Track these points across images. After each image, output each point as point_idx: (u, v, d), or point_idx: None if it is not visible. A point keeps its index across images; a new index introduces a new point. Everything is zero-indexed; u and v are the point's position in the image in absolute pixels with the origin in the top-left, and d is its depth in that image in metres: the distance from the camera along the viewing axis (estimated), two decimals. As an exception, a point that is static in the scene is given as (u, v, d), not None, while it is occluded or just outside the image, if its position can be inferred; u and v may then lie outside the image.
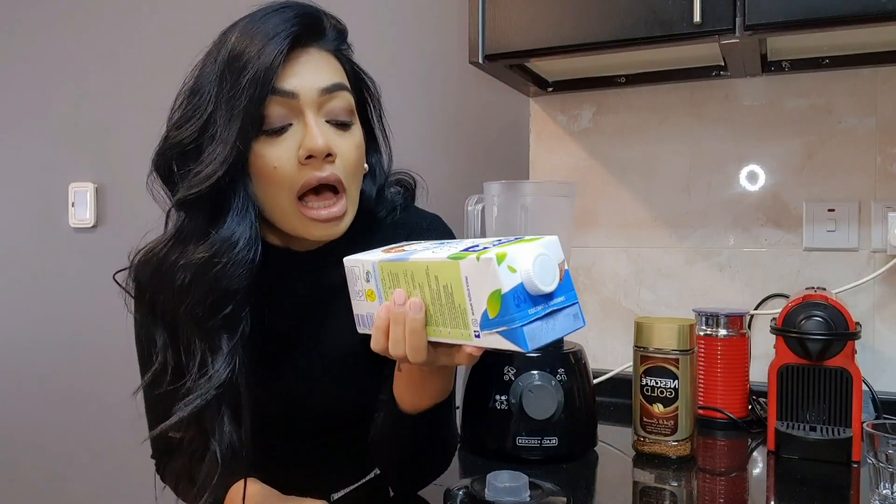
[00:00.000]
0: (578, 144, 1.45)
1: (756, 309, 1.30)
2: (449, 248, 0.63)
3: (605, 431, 1.11)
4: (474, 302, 0.58)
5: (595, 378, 1.17)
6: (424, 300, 0.63)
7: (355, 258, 0.72)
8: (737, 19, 0.99)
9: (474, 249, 0.59)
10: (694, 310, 1.21)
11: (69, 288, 2.09)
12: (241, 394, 0.77)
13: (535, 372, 0.98)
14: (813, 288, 1.13)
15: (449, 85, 1.60)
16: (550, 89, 1.42)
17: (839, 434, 0.97)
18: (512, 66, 1.24)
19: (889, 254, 1.21)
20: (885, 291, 1.23)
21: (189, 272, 0.75)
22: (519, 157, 1.51)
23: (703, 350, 1.17)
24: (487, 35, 1.15)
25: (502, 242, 0.59)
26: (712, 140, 1.35)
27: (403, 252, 0.67)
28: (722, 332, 1.17)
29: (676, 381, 0.97)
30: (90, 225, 2.05)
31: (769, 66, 1.27)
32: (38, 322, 2.14)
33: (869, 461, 0.81)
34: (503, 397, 0.98)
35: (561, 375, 0.98)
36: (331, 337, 0.88)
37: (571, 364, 1.01)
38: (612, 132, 1.43)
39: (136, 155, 0.96)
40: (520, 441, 0.97)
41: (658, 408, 0.98)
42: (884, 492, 0.78)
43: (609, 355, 1.41)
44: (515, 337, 0.56)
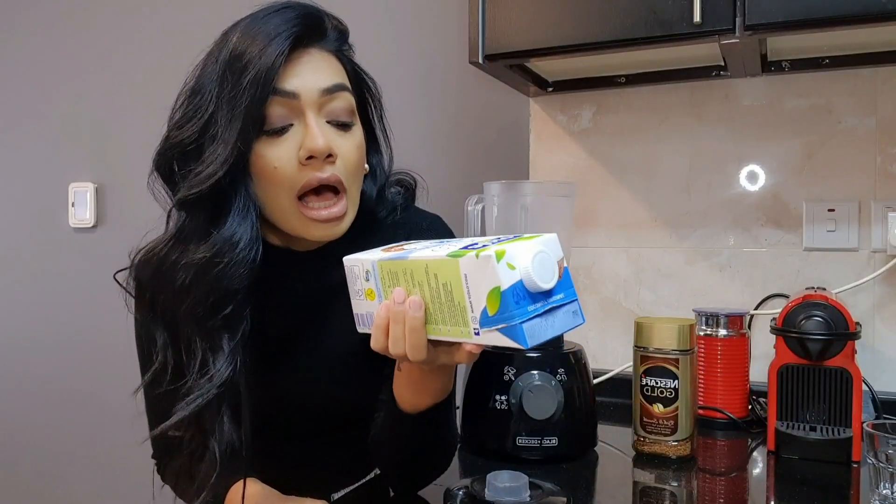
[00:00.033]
0: (578, 144, 1.45)
1: (756, 309, 1.30)
2: (448, 247, 0.63)
3: (605, 431, 1.11)
4: (473, 299, 0.58)
5: (595, 378, 1.17)
6: (424, 298, 0.63)
7: (355, 257, 0.72)
8: (737, 19, 0.99)
9: (473, 247, 0.59)
10: (694, 310, 1.21)
11: (69, 288, 2.09)
12: (242, 393, 0.77)
13: (535, 372, 0.98)
14: (813, 288, 1.13)
15: (449, 85, 1.60)
16: (550, 89, 1.42)
17: (839, 434, 0.97)
18: (512, 66, 1.24)
19: (889, 254, 1.21)
20: (885, 291, 1.23)
21: (190, 272, 0.75)
22: (519, 157, 1.51)
23: (703, 350, 1.17)
24: (487, 35, 1.15)
25: (501, 240, 0.59)
26: (712, 140, 1.35)
27: (403, 251, 0.67)
28: (722, 332, 1.17)
29: (676, 381, 0.97)
30: (90, 225, 2.05)
31: (769, 66, 1.27)
32: (38, 322, 2.14)
33: (869, 461, 0.81)
34: (503, 397, 0.98)
35: (561, 375, 0.98)
36: (331, 337, 0.88)
37: (571, 364, 1.01)
38: (612, 132, 1.43)
39: (136, 155, 0.96)
40: (520, 441, 0.97)
41: (658, 408, 0.98)
42: (884, 492, 0.78)
43: (609, 355, 1.41)
44: (515, 334, 0.56)
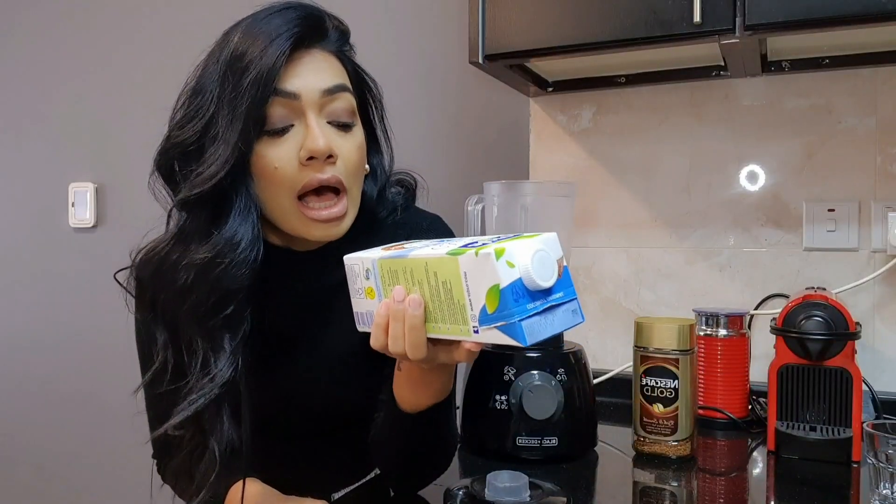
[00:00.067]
0: (578, 144, 1.45)
1: (756, 309, 1.30)
2: (448, 245, 0.63)
3: (605, 431, 1.11)
4: (473, 297, 0.58)
5: (595, 378, 1.17)
6: (424, 297, 0.63)
7: (355, 256, 0.72)
8: (737, 19, 0.99)
9: (473, 246, 0.59)
10: (694, 310, 1.21)
11: (69, 288, 2.09)
12: (242, 393, 0.77)
13: (535, 372, 0.98)
14: (813, 288, 1.13)
15: (449, 85, 1.60)
16: (550, 89, 1.42)
17: (839, 434, 0.97)
18: (512, 66, 1.24)
19: (889, 254, 1.21)
20: (885, 291, 1.23)
21: (191, 272, 0.75)
22: (519, 157, 1.51)
23: (703, 350, 1.17)
24: (487, 35, 1.15)
25: (501, 239, 0.59)
26: (712, 140, 1.35)
27: (403, 249, 0.67)
28: (722, 332, 1.17)
29: (676, 381, 0.97)
30: (90, 225, 2.05)
31: (769, 66, 1.27)
32: (38, 322, 2.14)
33: (869, 461, 0.81)
34: (503, 397, 0.98)
35: (561, 375, 0.98)
36: (331, 337, 0.88)
37: (571, 364, 1.01)
38: (612, 132, 1.43)
39: (136, 155, 0.96)
40: (520, 441, 0.97)
41: (658, 408, 0.98)
42: (884, 492, 0.78)
43: (609, 355, 1.41)
44: (514, 331, 0.56)
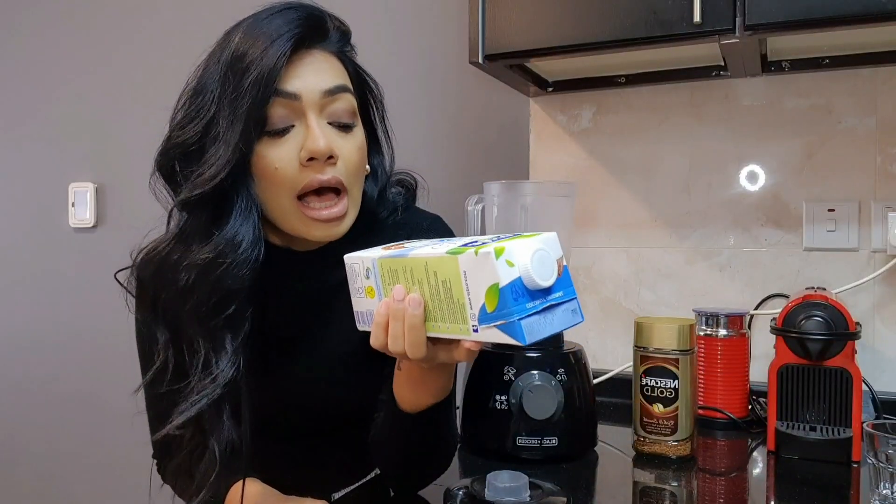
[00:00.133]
0: (578, 144, 1.45)
1: (756, 309, 1.30)
2: (448, 245, 0.63)
3: (605, 431, 1.11)
4: (472, 296, 0.58)
5: (595, 378, 1.17)
6: (423, 296, 0.63)
7: (355, 255, 0.72)
8: (737, 19, 0.99)
9: (473, 245, 0.59)
10: (694, 310, 1.21)
11: (69, 288, 2.09)
12: (242, 393, 0.77)
13: (535, 372, 0.98)
14: (813, 288, 1.13)
15: (449, 85, 1.60)
16: (550, 89, 1.42)
17: (839, 434, 0.97)
18: (512, 66, 1.24)
19: (889, 254, 1.21)
20: (885, 291, 1.23)
21: (193, 272, 0.75)
22: (519, 157, 1.51)
23: (703, 350, 1.17)
24: (487, 35, 1.15)
25: (501, 238, 0.59)
26: (712, 140, 1.35)
27: (403, 249, 0.68)
28: (722, 332, 1.17)
29: (676, 381, 0.97)
30: (90, 225, 2.05)
31: (769, 66, 1.27)
32: (38, 322, 2.14)
33: (869, 461, 0.81)
34: (503, 397, 0.98)
35: (561, 375, 0.98)
36: (331, 337, 0.88)
37: (571, 364, 1.01)
38: (612, 132, 1.43)
39: (136, 155, 0.96)
40: (520, 441, 0.97)
41: (658, 408, 0.98)
42: (884, 492, 0.78)
43: (609, 355, 1.41)
44: (513, 330, 0.56)
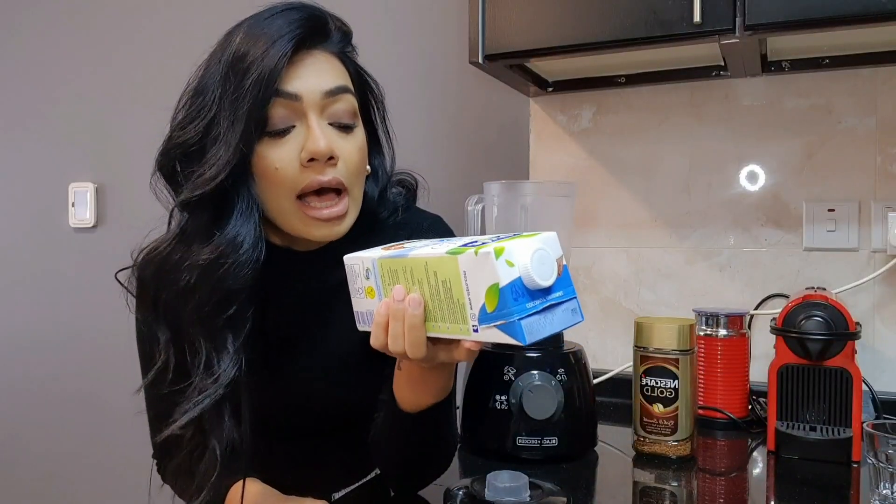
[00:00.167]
0: (578, 144, 1.45)
1: (756, 309, 1.30)
2: (448, 245, 0.63)
3: (605, 431, 1.11)
4: (472, 296, 0.58)
5: (595, 378, 1.17)
6: (423, 296, 0.63)
7: (355, 255, 0.72)
8: (737, 19, 0.99)
9: (473, 245, 0.59)
10: (694, 310, 1.21)
11: (69, 288, 2.09)
12: (242, 393, 0.77)
13: (535, 372, 0.98)
14: (813, 288, 1.13)
15: (449, 85, 1.60)
16: (550, 89, 1.42)
17: (839, 434, 0.97)
18: (512, 66, 1.24)
19: (889, 254, 1.21)
20: (885, 291, 1.23)
21: (194, 273, 0.75)
22: (519, 157, 1.51)
23: (703, 350, 1.17)
24: (487, 35, 1.15)
25: (501, 238, 0.59)
26: (712, 140, 1.35)
27: (403, 249, 0.68)
28: (722, 332, 1.17)
29: (676, 381, 0.97)
30: (90, 225, 2.05)
31: (769, 66, 1.27)
32: (38, 322, 2.14)
33: (869, 461, 0.81)
34: (503, 397, 0.98)
35: (561, 375, 0.98)
36: (331, 337, 0.88)
37: (571, 364, 1.01)
38: (612, 132, 1.43)
39: (136, 155, 0.96)
40: (520, 441, 0.97)
41: (658, 408, 0.98)
42: (884, 492, 0.78)
43: (609, 355, 1.41)
44: (513, 330, 0.56)
